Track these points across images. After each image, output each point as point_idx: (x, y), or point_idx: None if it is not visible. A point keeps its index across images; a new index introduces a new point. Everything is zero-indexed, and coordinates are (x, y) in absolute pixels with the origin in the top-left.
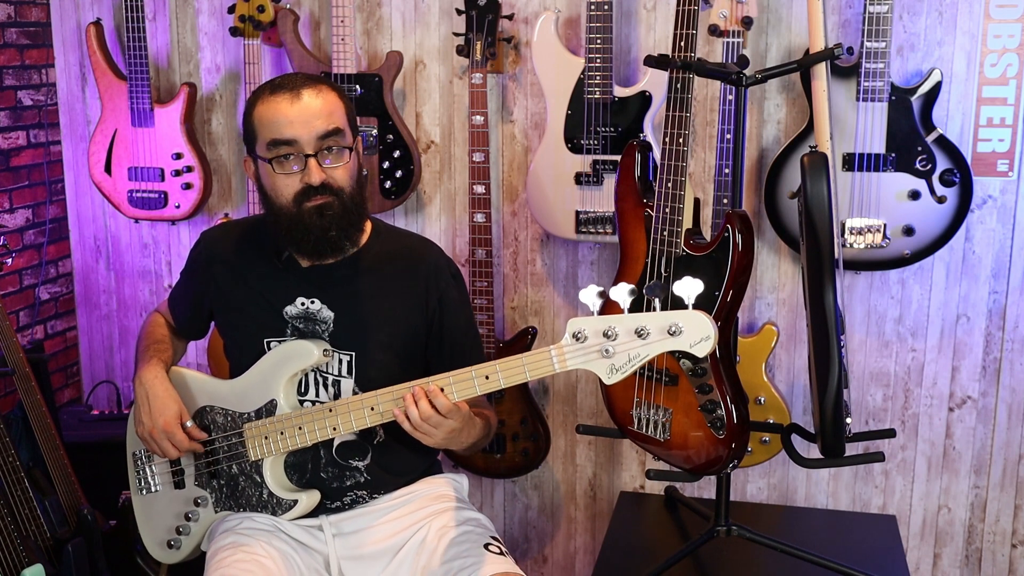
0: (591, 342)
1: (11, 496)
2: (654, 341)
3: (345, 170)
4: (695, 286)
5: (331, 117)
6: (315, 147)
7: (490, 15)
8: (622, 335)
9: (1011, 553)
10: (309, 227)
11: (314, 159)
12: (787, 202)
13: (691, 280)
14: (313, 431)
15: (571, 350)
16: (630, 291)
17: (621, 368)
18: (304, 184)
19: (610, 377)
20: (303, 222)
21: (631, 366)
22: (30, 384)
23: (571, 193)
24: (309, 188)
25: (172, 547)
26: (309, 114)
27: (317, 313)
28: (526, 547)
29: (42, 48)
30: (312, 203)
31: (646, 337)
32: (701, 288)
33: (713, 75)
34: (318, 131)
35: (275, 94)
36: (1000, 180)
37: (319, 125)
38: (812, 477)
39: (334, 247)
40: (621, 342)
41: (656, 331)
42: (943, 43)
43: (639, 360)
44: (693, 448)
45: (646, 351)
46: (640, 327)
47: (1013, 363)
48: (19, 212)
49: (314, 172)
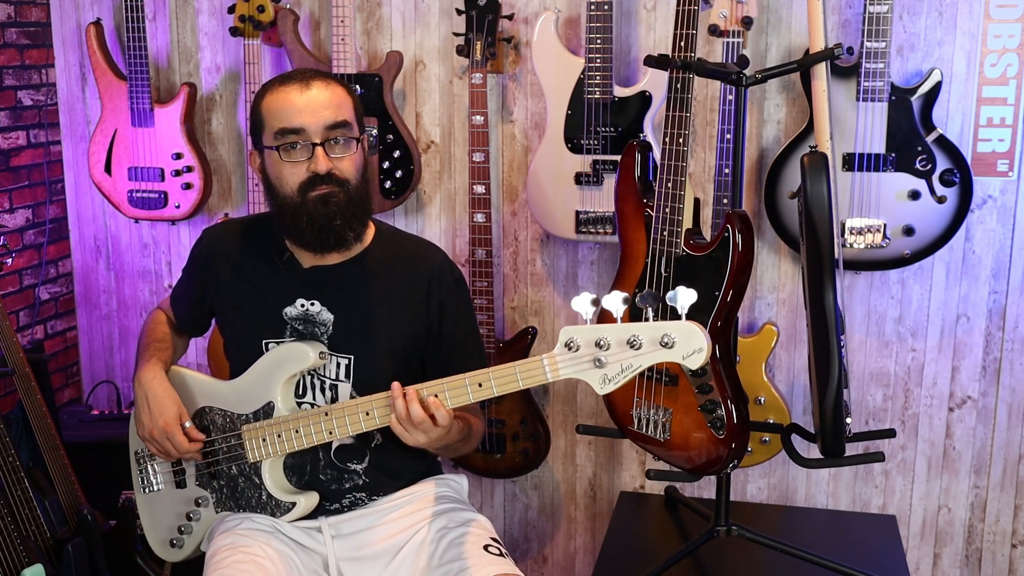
0: (583, 352)
1: (11, 496)
2: (646, 352)
3: (351, 161)
4: (688, 296)
5: (339, 109)
6: (322, 136)
7: (490, 15)
8: (614, 345)
9: (1011, 553)
10: (313, 216)
11: (321, 148)
12: (787, 202)
13: (685, 290)
14: (310, 434)
15: (563, 359)
16: (623, 299)
17: (614, 379)
18: (311, 173)
19: (603, 387)
20: (307, 211)
21: (623, 377)
22: (30, 384)
23: (571, 193)
24: (315, 177)
25: (175, 546)
26: (317, 104)
27: (317, 315)
28: (526, 547)
29: (42, 48)
30: (317, 192)
31: (638, 348)
32: (694, 298)
33: (713, 75)
34: (326, 121)
35: (285, 85)
36: (1000, 180)
37: (327, 115)
38: (812, 477)
39: (337, 237)
40: (613, 352)
41: (648, 342)
42: (943, 43)
43: (632, 371)
44: (693, 448)
45: (638, 362)
46: (632, 337)
47: (1013, 363)
48: (19, 212)
49: (321, 160)
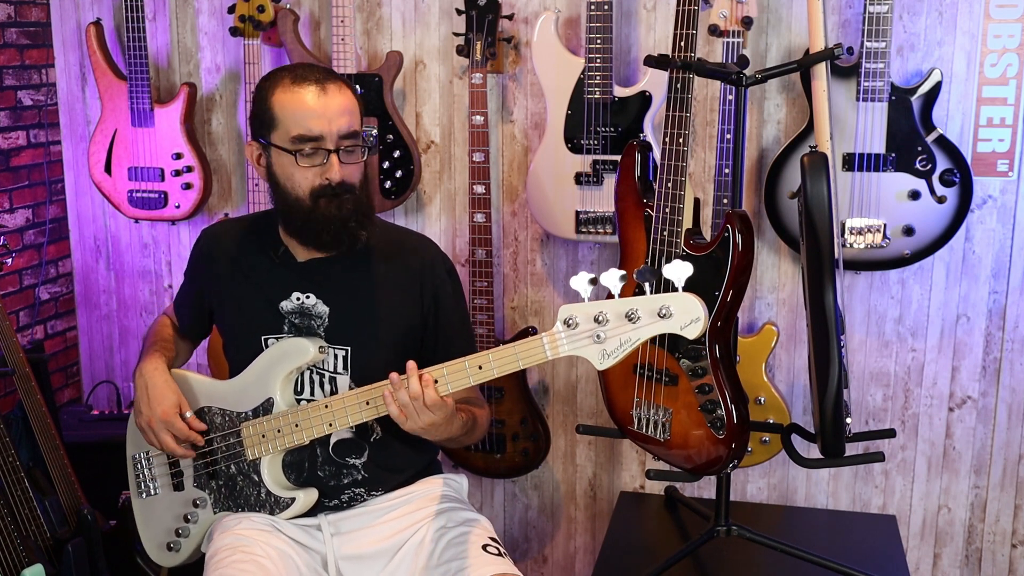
0: (582, 328)
1: (11, 496)
2: (645, 324)
3: (358, 168)
4: (684, 269)
5: (352, 116)
6: (337, 144)
7: (490, 15)
8: (613, 320)
9: (1011, 553)
10: (329, 219)
11: (336, 156)
12: (787, 202)
13: (680, 263)
14: (310, 428)
15: (563, 337)
16: (620, 277)
17: (613, 353)
18: (325, 180)
19: (602, 362)
20: (321, 216)
21: (622, 351)
22: (30, 384)
23: (571, 193)
24: (328, 184)
25: (172, 549)
26: (334, 111)
27: (312, 308)
28: (526, 547)
29: (42, 48)
30: (328, 198)
31: (636, 321)
32: (691, 271)
33: (713, 75)
34: (342, 129)
35: (299, 85)
36: (1000, 180)
37: (343, 123)
38: (812, 477)
39: (352, 237)
40: (612, 327)
41: (646, 314)
42: (943, 43)
43: (631, 344)
44: (693, 448)
45: (637, 335)
46: (630, 311)
47: (1013, 363)
48: (19, 212)
49: (336, 169)
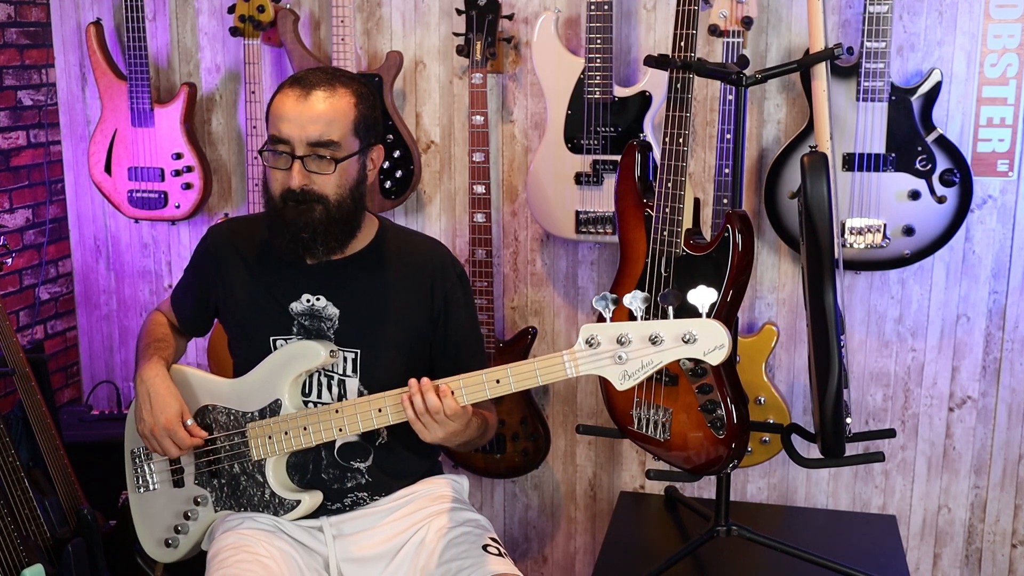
0: (604, 348)
1: (11, 496)
2: (668, 348)
3: (328, 180)
4: (709, 295)
5: (330, 125)
6: (304, 151)
7: (490, 15)
8: (636, 342)
9: (1011, 553)
10: (287, 223)
11: (299, 162)
12: (787, 202)
13: (705, 289)
14: (319, 431)
15: (584, 356)
16: (643, 299)
17: (634, 375)
18: (287, 185)
19: (622, 383)
20: (284, 217)
21: (643, 372)
22: (30, 384)
23: (571, 193)
24: (290, 188)
25: (170, 546)
26: (307, 117)
27: (323, 310)
28: (526, 547)
29: (42, 48)
30: (295, 203)
31: (660, 344)
32: (715, 297)
33: (713, 75)
34: (310, 136)
35: (291, 87)
36: (1000, 180)
37: (313, 130)
38: (812, 477)
39: (306, 249)
40: (635, 349)
41: (670, 339)
42: (943, 43)
43: (652, 367)
44: (693, 448)
45: (659, 358)
46: (654, 334)
47: (1013, 363)
48: (19, 212)
49: (296, 176)
